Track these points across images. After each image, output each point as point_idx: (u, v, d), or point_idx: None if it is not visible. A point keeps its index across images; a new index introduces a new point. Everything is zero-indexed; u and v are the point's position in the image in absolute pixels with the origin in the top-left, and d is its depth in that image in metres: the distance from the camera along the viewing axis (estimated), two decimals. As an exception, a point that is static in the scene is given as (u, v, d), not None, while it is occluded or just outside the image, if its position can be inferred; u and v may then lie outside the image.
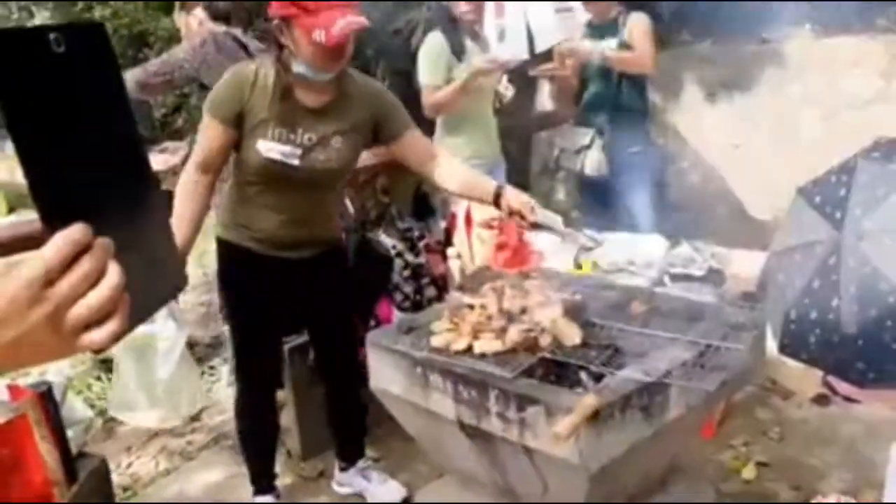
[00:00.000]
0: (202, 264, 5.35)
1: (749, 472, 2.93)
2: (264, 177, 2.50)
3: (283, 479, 3.08)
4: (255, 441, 2.90)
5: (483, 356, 2.06)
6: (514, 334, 2.10)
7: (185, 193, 2.48)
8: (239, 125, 2.45)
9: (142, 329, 3.31)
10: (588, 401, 1.78)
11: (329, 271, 2.70)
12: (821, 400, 3.35)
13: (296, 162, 2.46)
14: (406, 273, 3.37)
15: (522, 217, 2.45)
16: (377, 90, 2.62)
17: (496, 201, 2.51)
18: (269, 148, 2.44)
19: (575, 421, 1.73)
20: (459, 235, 3.48)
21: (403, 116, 2.62)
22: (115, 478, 3.20)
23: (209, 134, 2.48)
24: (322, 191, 2.58)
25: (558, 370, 2.05)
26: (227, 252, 2.66)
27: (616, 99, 4.29)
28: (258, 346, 2.75)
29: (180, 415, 3.57)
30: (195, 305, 5.06)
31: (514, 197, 2.49)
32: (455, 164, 2.63)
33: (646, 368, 1.94)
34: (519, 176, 6.01)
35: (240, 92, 2.44)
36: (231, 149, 2.51)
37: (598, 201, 4.42)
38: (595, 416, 1.78)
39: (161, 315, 3.27)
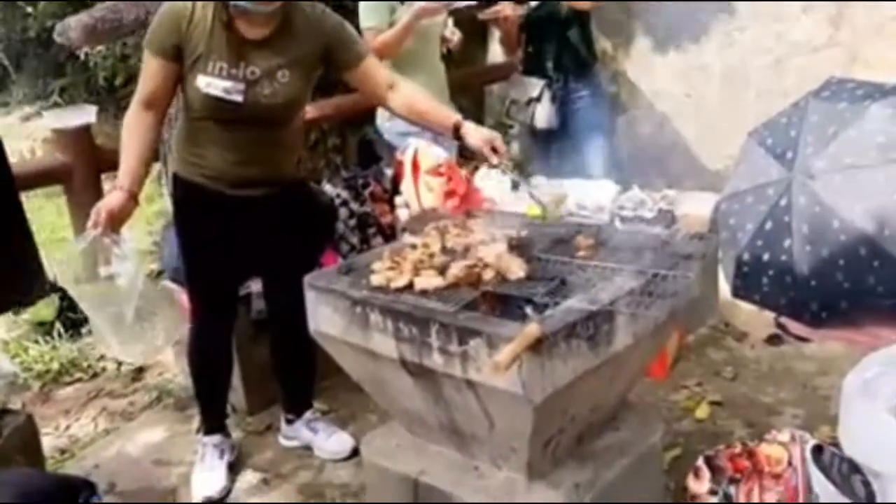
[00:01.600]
0: (151, 231, 5.22)
1: (702, 412, 2.91)
2: (209, 113, 2.42)
3: (229, 435, 2.99)
4: (208, 379, 2.81)
5: (424, 293, 1.98)
6: (456, 270, 2.03)
7: (129, 130, 2.41)
8: (178, 60, 2.37)
9: (103, 274, 3.17)
10: (530, 330, 1.71)
11: (283, 211, 2.62)
12: (773, 340, 3.34)
13: (239, 98, 2.36)
14: (351, 222, 3.27)
15: (495, 151, 2.37)
16: (327, 19, 2.50)
17: (456, 135, 2.44)
18: (208, 83, 2.36)
19: (515, 349, 1.66)
20: (406, 183, 3.37)
21: (358, 46, 2.53)
22: (53, 440, 3.12)
23: (149, 70, 2.40)
24: (272, 128, 2.48)
25: (502, 303, 1.98)
26: (182, 188, 2.59)
27: (562, 46, 4.22)
28: (211, 282, 2.68)
29: (157, 346, 3.44)
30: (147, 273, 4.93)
31: (475, 131, 2.41)
32: (415, 92, 2.54)
33: (591, 298, 1.87)
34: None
35: (176, 25, 2.36)
36: (175, 85, 2.43)
37: (550, 151, 4.36)
38: (538, 346, 1.71)
39: (117, 258, 3.16)
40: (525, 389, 1.74)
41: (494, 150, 2.37)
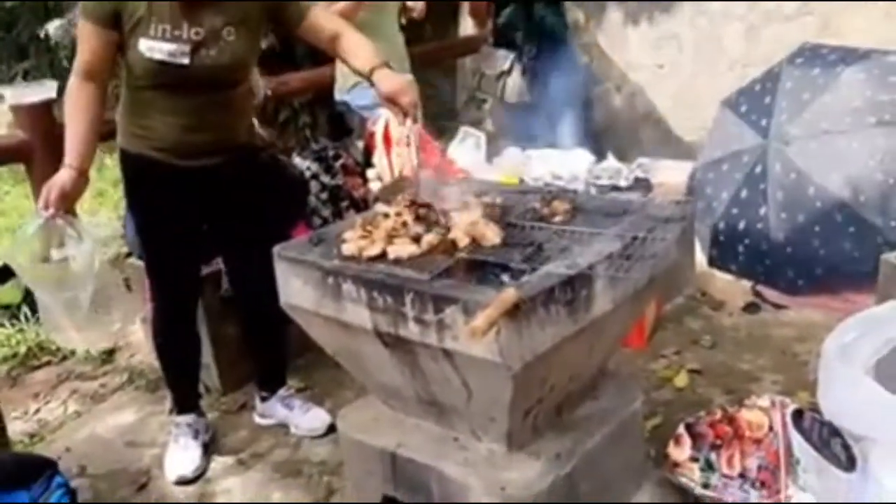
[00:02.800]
0: (120, 215, 5.12)
1: (681, 380, 2.89)
2: (154, 80, 2.31)
3: (203, 415, 2.93)
4: (176, 360, 2.75)
5: (398, 261, 1.93)
6: (430, 237, 1.98)
7: (71, 105, 2.31)
8: (117, 26, 2.26)
9: (55, 256, 3.07)
10: (507, 294, 1.66)
11: (239, 181, 2.54)
12: (751, 308, 3.33)
13: (185, 60, 2.27)
14: (323, 196, 3.21)
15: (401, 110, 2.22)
16: None
17: (370, 81, 2.30)
18: (151, 47, 2.26)
19: (492, 314, 1.61)
20: (378, 155, 3.32)
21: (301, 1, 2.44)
22: (22, 425, 3.06)
23: (86, 39, 2.29)
24: (220, 90, 2.39)
25: (477, 270, 1.92)
26: (130, 163, 2.49)
27: (532, 17, 4.17)
28: (171, 260, 2.59)
29: (111, 334, 3.34)
30: (113, 256, 4.83)
31: (387, 79, 2.23)
32: (355, 42, 2.41)
33: (569, 263, 1.83)
34: (446, 106, 5.87)
35: None
36: (114, 53, 2.31)
37: (524, 123, 4.32)
38: (515, 311, 1.67)
39: (72, 239, 3.06)
40: (503, 357, 1.69)
41: (399, 105, 2.21)
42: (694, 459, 2.24)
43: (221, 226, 2.63)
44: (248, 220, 2.61)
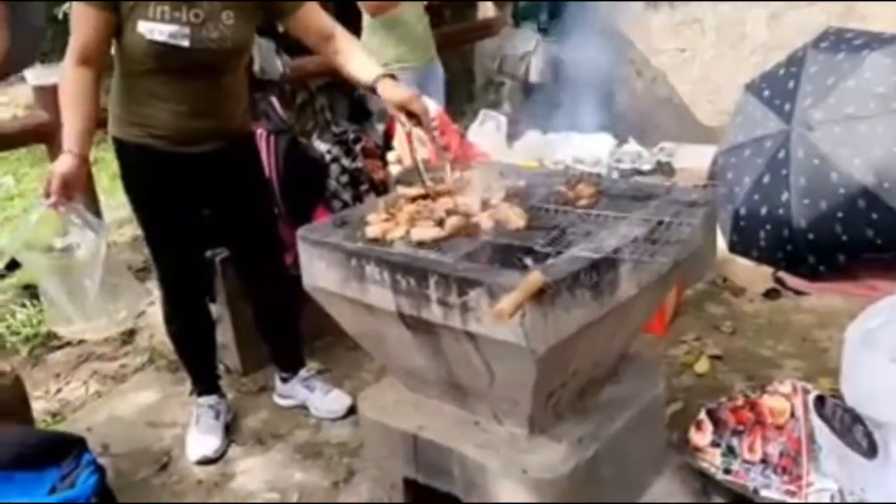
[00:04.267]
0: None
1: (702, 366, 2.88)
2: (154, 64, 2.28)
3: (223, 396, 2.94)
4: (189, 344, 2.76)
5: (421, 244, 1.93)
6: (453, 220, 1.98)
7: (67, 90, 2.26)
8: (115, 7, 2.22)
9: (58, 245, 3.03)
10: (532, 278, 1.66)
11: (238, 165, 2.53)
12: (772, 294, 3.31)
13: (186, 43, 2.24)
14: (343, 179, 3.20)
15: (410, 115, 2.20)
16: None
17: (374, 92, 2.28)
18: (151, 29, 2.22)
19: (518, 298, 1.61)
20: (399, 139, 3.31)
21: None
22: (44, 404, 3.07)
23: (83, 22, 2.24)
24: (220, 75, 2.37)
25: (501, 253, 1.92)
26: (126, 152, 2.46)
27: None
28: (175, 246, 2.58)
29: (118, 322, 3.35)
30: (130, 238, 4.85)
31: (392, 90, 2.22)
32: (348, 47, 2.38)
33: (595, 246, 1.82)
34: (463, 88, 5.85)
35: None
36: (111, 36, 2.28)
37: (544, 106, 4.30)
38: (540, 295, 1.66)
39: (76, 227, 3.05)
40: (528, 340, 1.69)
41: (410, 114, 2.20)
42: (715, 445, 2.23)
43: (223, 213, 2.63)
44: (250, 206, 2.61)
